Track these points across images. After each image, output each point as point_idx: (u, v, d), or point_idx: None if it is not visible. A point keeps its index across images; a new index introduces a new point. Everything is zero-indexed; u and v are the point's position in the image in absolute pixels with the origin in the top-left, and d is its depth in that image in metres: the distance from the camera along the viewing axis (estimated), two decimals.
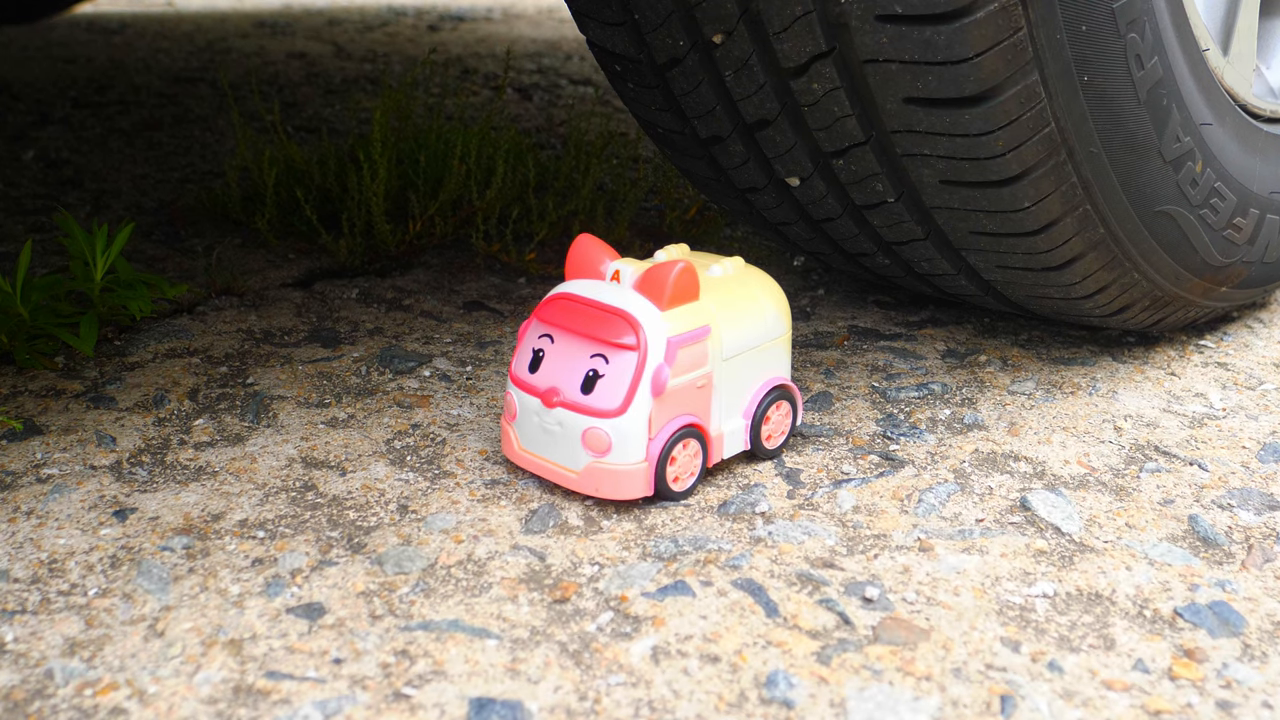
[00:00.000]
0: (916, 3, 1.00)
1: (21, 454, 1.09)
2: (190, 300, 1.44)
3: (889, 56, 1.04)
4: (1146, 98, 1.12)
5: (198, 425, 1.15)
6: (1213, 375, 1.32)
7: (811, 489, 1.06)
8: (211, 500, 1.03)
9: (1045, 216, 1.12)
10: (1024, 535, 0.99)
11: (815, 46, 1.07)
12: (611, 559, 0.95)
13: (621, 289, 1.02)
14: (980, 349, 1.36)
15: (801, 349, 1.35)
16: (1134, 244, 1.18)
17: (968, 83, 1.02)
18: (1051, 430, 1.18)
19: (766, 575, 0.93)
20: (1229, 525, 1.02)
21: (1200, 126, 1.19)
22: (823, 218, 1.26)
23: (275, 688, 0.80)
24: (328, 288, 1.51)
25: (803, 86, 1.10)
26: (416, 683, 0.81)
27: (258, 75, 2.77)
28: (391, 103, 1.71)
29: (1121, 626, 0.88)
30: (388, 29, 3.46)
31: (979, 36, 1.00)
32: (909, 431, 1.17)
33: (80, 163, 2.08)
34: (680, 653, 0.84)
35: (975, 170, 1.09)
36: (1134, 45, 1.09)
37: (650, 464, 1.00)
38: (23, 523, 0.99)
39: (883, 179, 1.16)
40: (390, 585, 0.91)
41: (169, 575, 0.92)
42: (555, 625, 0.87)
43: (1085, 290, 1.21)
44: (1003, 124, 1.05)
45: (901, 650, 0.85)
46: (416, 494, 1.04)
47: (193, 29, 3.41)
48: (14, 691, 0.80)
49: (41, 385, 1.22)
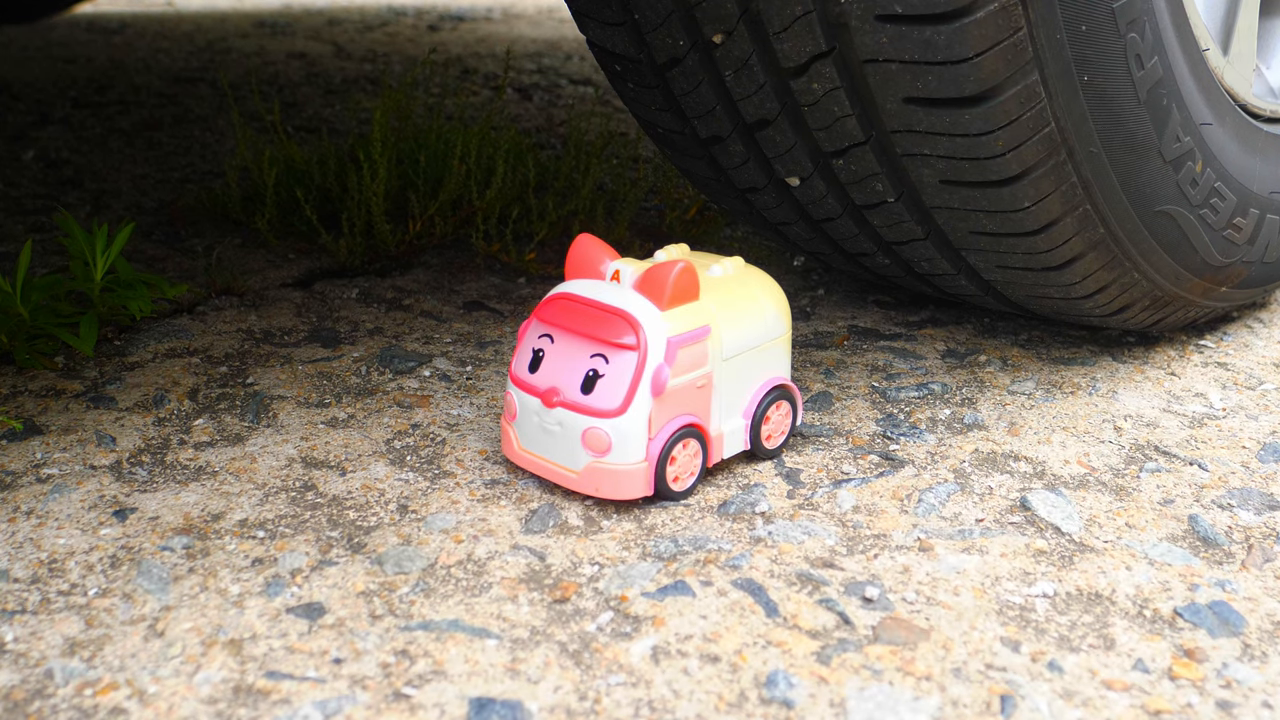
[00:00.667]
0: (916, 3, 1.00)
1: (21, 454, 1.09)
2: (190, 300, 1.44)
3: (889, 56, 1.04)
4: (1146, 98, 1.12)
5: (198, 425, 1.15)
6: (1213, 375, 1.32)
7: (811, 489, 1.06)
8: (211, 500, 1.03)
9: (1045, 216, 1.12)
10: (1024, 535, 0.99)
11: (815, 46, 1.07)
12: (611, 559, 0.95)
13: (621, 289, 1.02)
14: (980, 349, 1.36)
15: (801, 349, 1.35)
16: (1134, 244, 1.18)
17: (968, 83, 1.02)
18: (1051, 430, 1.18)
19: (766, 575, 0.93)
20: (1229, 525, 1.02)
21: (1200, 126, 1.19)
22: (823, 218, 1.26)
23: (275, 688, 0.80)
24: (328, 288, 1.51)
25: (803, 86, 1.10)
26: (416, 683, 0.81)
27: (258, 75, 2.77)
28: (391, 103, 1.71)
29: (1121, 626, 0.88)
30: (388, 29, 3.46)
31: (979, 36, 1.00)
32: (909, 431, 1.17)
33: (80, 163, 2.08)
34: (680, 652, 0.84)
35: (975, 170, 1.09)
36: (1134, 45, 1.09)
37: (650, 464, 1.00)
38: (23, 522, 0.99)
39: (883, 179, 1.15)
40: (390, 585, 0.91)
41: (169, 575, 0.92)
42: (555, 625, 0.87)
43: (1085, 290, 1.21)
44: (1003, 124, 1.05)
45: (901, 650, 0.85)
46: (416, 494, 1.04)
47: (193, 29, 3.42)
48: (14, 691, 0.80)
49: (41, 385, 1.22)
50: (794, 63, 1.09)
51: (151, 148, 2.18)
